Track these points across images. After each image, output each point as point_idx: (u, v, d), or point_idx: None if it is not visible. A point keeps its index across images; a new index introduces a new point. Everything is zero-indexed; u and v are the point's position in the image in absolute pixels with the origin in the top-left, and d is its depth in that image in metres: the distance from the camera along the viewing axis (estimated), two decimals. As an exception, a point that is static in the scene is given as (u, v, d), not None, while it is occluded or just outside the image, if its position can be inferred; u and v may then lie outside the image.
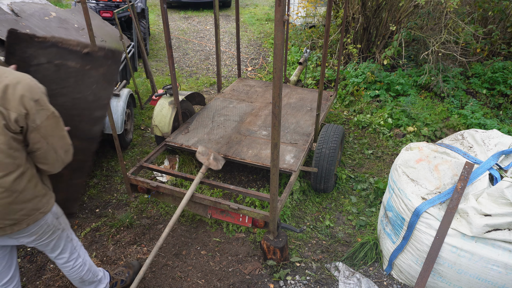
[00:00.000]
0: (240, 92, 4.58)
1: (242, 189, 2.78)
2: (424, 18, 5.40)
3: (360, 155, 4.17)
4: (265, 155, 3.17)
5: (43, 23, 3.93)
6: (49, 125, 1.57)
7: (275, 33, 1.67)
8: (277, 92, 1.83)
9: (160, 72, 6.73)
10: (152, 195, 2.84)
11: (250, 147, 3.31)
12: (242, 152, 3.22)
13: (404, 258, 2.49)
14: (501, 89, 5.21)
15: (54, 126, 1.60)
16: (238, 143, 3.36)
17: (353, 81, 5.55)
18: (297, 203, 3.36)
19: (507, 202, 2.06)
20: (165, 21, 3.09)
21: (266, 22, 10.61)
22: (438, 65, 5.32)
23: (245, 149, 3.27)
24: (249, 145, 3.34)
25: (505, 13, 5.56)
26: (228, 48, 8.19)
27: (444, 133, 4.46)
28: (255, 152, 3.22)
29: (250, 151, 3.23)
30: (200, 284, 2.56)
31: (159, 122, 3.57)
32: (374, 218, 3.19)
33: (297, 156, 3.17)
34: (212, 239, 2.97)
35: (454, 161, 2.39)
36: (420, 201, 2.32)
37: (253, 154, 3.19)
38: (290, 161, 3.09)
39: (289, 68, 6.61)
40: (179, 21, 10.51)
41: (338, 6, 6.62)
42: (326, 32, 2.95)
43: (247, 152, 3.22)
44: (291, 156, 3.17)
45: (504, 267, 2.08)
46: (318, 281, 2.60)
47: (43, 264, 2.70)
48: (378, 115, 4.89)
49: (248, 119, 3.84)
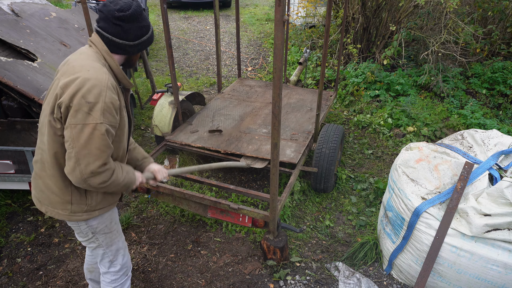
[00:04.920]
0: (240, 92, 4.58)
1: (242, 189, 2.79)
2: (424, 18, 5.40)
3: (360, 155, 4.17)
4: (265, 150, 3.17)
5: (43, 23, 3.93)
6: (84, 133, 1.44)
7: (275, 33, 1.67)
8: (277, 92, 1.83)
9: (160, 72, 6.73)
10: (152, 195, 2.84)
11: (250, 143, 3.32)
12: (242, 147, 3.23)
13: (404, 258, 2.49)
14: (501, 89, 5.21)
15: (87, 137, 1.45)
16: (238, 140, 3.37)
17: (353, 81, 5.55)
18: (297, 203, 3.36)
19: (506, 202, 2.07)
20: (165, 21, 3.09)
21: (266, 22, 10.61)
22: (438, 65, 5.32)
23: (245, 145, 3.28)
24: (249, 141, 3.35)
25: (505, 13, 5.56)
26: (228, 48, 8.19)
27: (444, 133, 4.46)
28: (255, 147, 3.23)
29: (250, 147, 3.25)
30: (200, 284, 2.56)
31: (159, 122, 3.57)
32: (374, 218, 3.19)
33: (298, 150, 3.18)
34: (212, 239, 2.97)
35: (454, 161, 2.40)
36: (420, 201, 2.32)
37: (253, 149, 3.20)
38: (291, 155, 3.10)
39: (289, 68, 6.61)
40: (179, 21, 10.51)
41: (338, 6, 6.62)
42: (326, 32, 2.95)
43: (247, 148, 3.23)
44: (292, 150, 3.18)
45: (504, 267, 2.09)
46: (318, 281, 2.60)
47: (43, 264, 2.70)
48: (378, 115, 4.89)
49: (248, 118, 3.84)
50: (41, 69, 3.20)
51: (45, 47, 3.56)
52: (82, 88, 1.45)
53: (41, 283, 2.55)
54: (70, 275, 2.61)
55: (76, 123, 1.44)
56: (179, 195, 2.69)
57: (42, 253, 2.80)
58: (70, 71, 1.51)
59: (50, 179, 1.63)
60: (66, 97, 1.45)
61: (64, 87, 1.47)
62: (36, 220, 3.11)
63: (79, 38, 4.22)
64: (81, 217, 1.70)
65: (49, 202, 1.67)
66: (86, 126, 1.44)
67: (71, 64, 1.55)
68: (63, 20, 4.27)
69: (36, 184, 1.71)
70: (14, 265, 2.69)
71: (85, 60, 1.55)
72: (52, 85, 1.59)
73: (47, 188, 1.65)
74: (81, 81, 1.46)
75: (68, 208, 1.66)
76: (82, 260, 2.73)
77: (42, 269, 2.67)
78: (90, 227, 1.78)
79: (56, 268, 2.67)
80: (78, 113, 1.44)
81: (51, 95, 1.54)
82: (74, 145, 1.46)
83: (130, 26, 1.57)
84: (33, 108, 2.94)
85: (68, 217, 1.68)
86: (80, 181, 1.51)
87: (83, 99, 1.43)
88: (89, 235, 1.81)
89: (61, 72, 1.55)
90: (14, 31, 3.45)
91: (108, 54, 1.60)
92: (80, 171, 1.48)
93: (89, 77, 1.47)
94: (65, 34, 4.06)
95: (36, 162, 1.68)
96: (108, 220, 1.83)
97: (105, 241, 1.87)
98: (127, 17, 1.54)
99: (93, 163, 1.48)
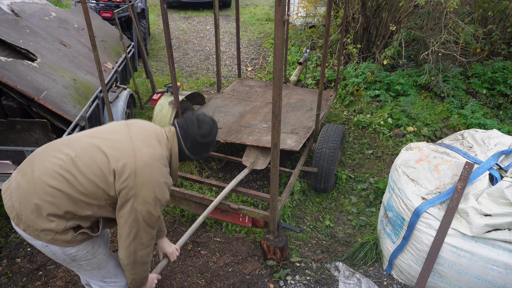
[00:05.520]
0: (240, 92, 4.58)
1: (242, 189, 2.78)
2: (424, 18, 5.40)
3: (360, 155, 4.17)
4: (266, 140, 3.19)
5: (43, 23, 3.93)
6: (139, 222, 1.53)
7: (275, 33, 1.67)
8: (277, 92, 1.83)
9: (160, 72, 6.73)
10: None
11: (251, 134, 3.34)
12: (242, 138, 3.26)
13: (404, 258, 2.49)
14: (501, 89, 5.21)
15: (141, 226, 1.54)
16: (238, 132, 3.40)
17: (353, 81, 5.55)
18: (297, 203, 3.36)
19: (507, 202, 2.06)
20: (165, 21, 3.09)
21: (266, 22, 10.60)
22: (438, 65, 5.31)
23: (245, 136, 3.30)
24: (249, 133, 3.38)
25: (505, 13, 5.56)
26: (228, 48, 8.18)
27: (444, 133, 4.45)
28: (255, 138, 3.26)
29: (250, 137, 3.27)
30: (200, 284, 2.56)
31: (159, 122, 3.57)
32: (374, 218, 3.19)
33: (299, 140, 3.19)
34: (212, 239, 2.97)
35: (454, 161, 2.39)
36: (420, 201, 2.32)
37: (254, 139, 3.23)
38: (292, 144, 3.13)
39: (289, 68, 6.60)
40: (179, 21, 10.50)
41: (338, 6, 6.62)
42: (326, 32, 2.95)
43: (247, 138, 3.26)
44: (293, 140, 3.21)
45: (504, 267, 2.08)
46: (318, 281, 2.60)
47: (43, 264, 2.70)
48: (378, 115, 4.88)
49: (248, 115, 3.84)
50: (41, 69, 3.20)
51: (45, 47, 3.56)
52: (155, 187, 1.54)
53: (40, 283, 2.55)
54: (70, 275, 2.60)
55: (142, 211, 1.52)
56: (179, 195, 2.69)
57: (41, 253, 2.79)
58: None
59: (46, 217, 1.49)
60: (139, 188, 1.51)
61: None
62: (36, 220, 3.10)
63: (79, 38, 4.22)
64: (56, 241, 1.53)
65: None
66: (152, 216, 1.55)
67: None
68: (63, 20, 4.27)
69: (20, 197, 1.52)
70: (13, 265, 2.69)
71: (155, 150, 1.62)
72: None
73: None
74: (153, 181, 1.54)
75: (53, 235, 1.52)
76: (82, 260, 2.73)
77: (42, 269, 2.66)
78: (68, 255, 1.61)
79: (55, 268, 2.67)
80: (146, 205, 1.52)
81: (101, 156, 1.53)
82: (138, 226, 1.54)
83: (202, 149, 1.77)
84: (32, 108, 2.94)
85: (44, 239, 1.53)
86: (129, 263, 1.61)
87: (153, 194, 1.52)
88: (67, 261, 1.64)
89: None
90: (14, 31, 3.44)
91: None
92: (135, 245, 1.57)
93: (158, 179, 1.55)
94: (65, 34, 4.05)
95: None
96: (90, 245, 1.66)
97: (85, 264, 1.69)
98: (206, 143, 1.75)
99: (145, 238, 1.59)
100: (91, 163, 1.50)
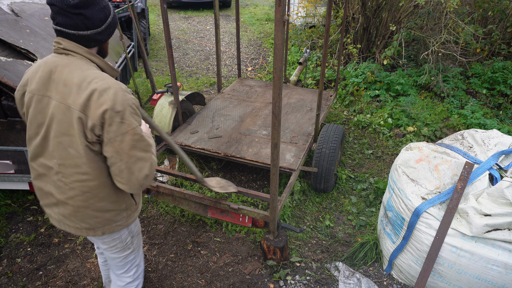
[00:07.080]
0: (240, 92, 4.58)
1: (242, 189, 2.78)
2: (424, 18, 5.40)
3: (360, 155, 4.17)
4: (265, 154, 3.17)
5: (43, 23, 3.93)
6: (125, 142, 1.40)
7: (275, 33, 1.67)
8: (277, 92, 1.83)
9: (160, 72, 6.73)
10: (152, 195, 2.84)
11: (250, 146, 3.31)
12: (242, 151, 3.23)
13: (404, 258, 2.49)
14: (501, 89, 5.21)
15: (130, 145, 1.41)
16: (238, 142, 3.37)
17: (353, 81, 5.55)
18: (297, 203, 3.36)
19: (507, 202, 2.06)
20: (165, 21, 3.09)
21: (266, 22, 10.60)
22: (438, 65, 5.32)
23: (245, 148, 3.27)
24: (249, 144, 3.34)
25: (505, 13, 5.56)
26: (228, 48, 8.19)
27: (444, 133, 4.46)
28: (255, 150, 3.23)
29: (250, 150, 3.24)
30: (200, 284, 2.56)
31: (159, 122, 3.57)
32: (374, 218, 3.19)
33: (297, 155, 3.17)
34: (212, 239, 2.97)
35: (454, 161, 2.39)
36: (420, 201, 2.32)
37: (253, 153, 3.19)
38: (290, 160, 3.09)
39: (289, 68, 6.61)
40: (179, 21, 10.50)
41: (338, 6, 6.62)
42: (326, 32, 2.95)
43: (247, 151, 3.23)
44: (291, 155, 3.17)
45: (504, 267, 2.08)
46: (318, 281, 2.60)
47: (43, 264, 2.70)
48: (378, 115, 4.88)
49: (248, 119, 3.84)
50: (41, 69, 3.20)
51: (45, 47, 3.56)
52: (106, 101, 1.35)
53: (41, 283, 2.55)
54: (70, 275, 2.61)
55: (115, 136, 1.38)
56: (179, 195, 2.69)
57: (42, 253, 2.80)
58: (75, 88, 1.38)
59: (103, 201, 1.55)
60: (95, 117, 1.35)
61: (84, 108, 1.36)
62: (36, 220, 3.11)
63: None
64: (127, 221, 1.66)
65: (101, 222, 1.60)
66: (125, 135, 1.39)
67: (71, 81, 1.39)
68: (63, 20, 4.27)
69: (82, 216, 1.56)
70: (14, 265, 2.69)
71: (83, 72, 1.40)
72: (43, 108, 1.43)
73: (100, 211, 1.57)
74: (100, 95, 1.36)
75: (124, 215, 1.64)
76: (82, 260, 2.73)
77: (42, 269, 2.66)
78: (130, 231, 1.72)
79: (56, 268, 2.67)
80: (112, 126, 1.37)
81: (66, 121, 1.40)
82: (121, 157, 1.41)
83: (91, 11, 1.39)
84: (33, 108, 2.94)
85: (118, 227, 1.64)
86: (138, 187, 1.49)
87: (112, 111, 1.35)
88: (128, 240, 1.74)
89: (55, 92, 1.41)
90: (14, 31, 3.44)
91: (90, 54, 1.46)
92: (136, 178, 1.45)
93: (104, 88, 1.37)
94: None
95: (71, 198, 1.53)
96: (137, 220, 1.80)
97: (138, 243, 1.83)
98: (84, 1, 1.36)
99: (145, 166, 1.46)
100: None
